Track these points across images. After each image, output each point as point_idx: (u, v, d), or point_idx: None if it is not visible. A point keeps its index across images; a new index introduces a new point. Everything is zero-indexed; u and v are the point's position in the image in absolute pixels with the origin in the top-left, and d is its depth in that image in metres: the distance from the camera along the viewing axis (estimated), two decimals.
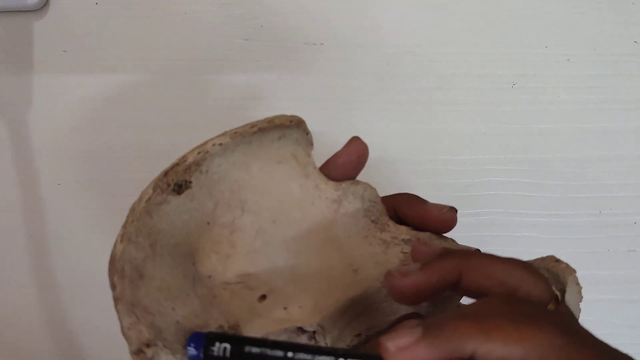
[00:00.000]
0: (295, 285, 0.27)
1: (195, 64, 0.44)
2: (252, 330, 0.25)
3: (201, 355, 0.21)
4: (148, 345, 0.21)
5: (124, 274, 0.23)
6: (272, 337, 0.25)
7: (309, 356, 0.21)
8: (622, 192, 0.44)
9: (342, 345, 0.29)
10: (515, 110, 0.45)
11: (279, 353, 0.21)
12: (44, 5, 0.44)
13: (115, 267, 0.23)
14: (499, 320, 0.19)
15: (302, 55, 0.44)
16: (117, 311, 0.22)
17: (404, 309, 0.29)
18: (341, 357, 0.20)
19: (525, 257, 0.45)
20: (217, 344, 0.21)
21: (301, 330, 0.25)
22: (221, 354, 0.21)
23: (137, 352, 0.21)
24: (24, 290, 0.44)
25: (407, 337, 0.20)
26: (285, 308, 0.26)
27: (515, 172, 0.44)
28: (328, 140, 0.32)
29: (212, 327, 0.24)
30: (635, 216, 0.44)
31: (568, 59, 0.45)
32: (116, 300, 0.22)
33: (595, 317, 0.44)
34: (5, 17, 0.44)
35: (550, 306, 0.22)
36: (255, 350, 0.21)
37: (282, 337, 0.25)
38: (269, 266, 0.27)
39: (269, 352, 0.21)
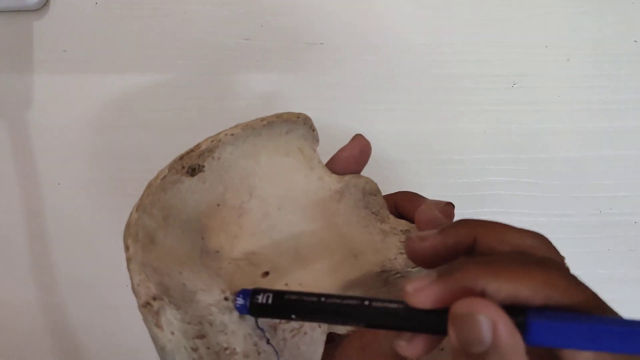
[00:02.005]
0: (298, 265, 0.29)
1: (195, 63, 0.44)
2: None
3: (247, 303, 0.25)
4: (155, 299, 0.23)
5: (137, 238, 0.25)
6: None
7: (338, 300, 0.23)
8: (622, 191, 0.44)
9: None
10: (515, 110, 0.45)
11: (313, 298, 0.23)
12: (44, 5, 0.44)
13: (129, 231, 0.25)
14: (508, 263, 0.21)
15: (302, 55, 0.44)
16: (129, 270, 0.24)
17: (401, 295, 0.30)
18: (367, 300, 0.22)
19: None
20: (262, 294, 0.24)
21: None
22: (264, 301, 0.24)
23: (145, 304, 0.23)
24: (24, 290, 0.44)
25: (423, 280, 0.21)
26: (286, 284, 0.28)
27: (516, 172, 0.44)
28: (328, 139, 0.33)
29: (215, 293, 0.25)
30: (635, 216, 0.44)
31: (568, 59, 0.45)
32: (128, 260, 0.24)
33: None
34: (5, 17, 0.44)
35: None
36: (293, 297, 0.24)
37: None
38: (273, 247, 0.29)
39: (305, 298, 0.23)
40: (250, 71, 0.44)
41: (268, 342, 0.26)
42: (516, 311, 0.20)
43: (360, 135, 0.32)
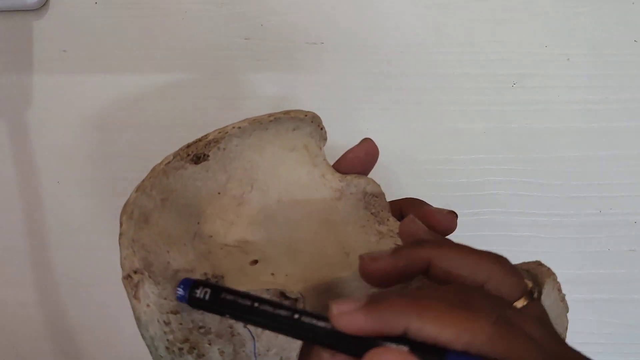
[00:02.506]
0: (288, 257, 0.30)
1: (195, 63, 0.44)
2: (235, 284, 0.27)
3: (186, 295, 0.25)
4: (135, 272, 0.25)
5: (132, 216, 0.26)
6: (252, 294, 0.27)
7: (270, 308, 0.23)
8: (622, 191, 0.44)
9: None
10: (515, 110, 0.45)
11: (247, 302, 0.24)
12: (44, 5, 0.44)
13: (126, 209, 0.26)
14: (435, 302, 0.20)
15: (302, 55, 0.44)
16: (120, 244, 0.26)
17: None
18: (297, 313, 0.23)
19: (525, 256, 0.44)
20: (201, 288, 0.25)
21: (284, 296, 0.27)
22: (202, 296, 0.25)
23: (126, 277, 0.25)
24: (24, 290, 0.44)
25: (350, 304, 0.21)
26: (272, 274, 0.29)
27: (515, 171, 0.44)
28: (328, 139, 0.33)
29: (198, 274, 0.27)
30: (636, 216, 0.44)
31: (568, 59, 0.45)
32: (120, 235, 0.26)
33: (595, 316, 0.44)
34: (5, 17, 0.44)
35: (522, 302, 0.23)
36: (229, 297, 0.24)
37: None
38: (267, 238, 0.30)
39: (240, 300, 0.24)
40: (250, 71, 0.44)
41: (245, 325, 0.26)
42: (438, 351, 0.20)
43: (369, 139, 0.32)
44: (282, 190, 0.31)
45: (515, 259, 0.46)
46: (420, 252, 0.24)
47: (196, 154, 0.29)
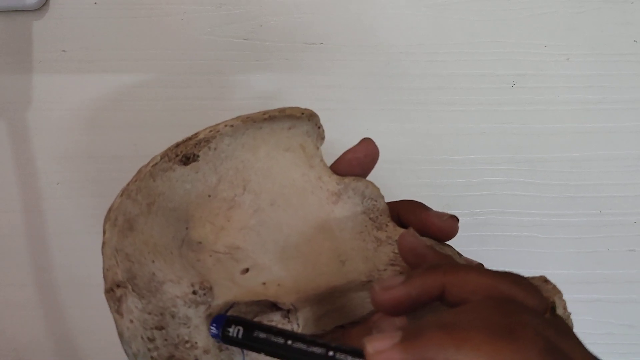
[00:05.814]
0: (280, 265, 0.28)
1: (194, 63, 0.44)
2: (225, 295, 0.26)
3: (220, 334, 0.25)
4: (118, 286, 0.24)
5: (116, 223, 0.25)
6: (242, 305, 0.26)
7: (304, 346, 0.23)
8: (622, 192, 0.44)
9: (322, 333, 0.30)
10: (515, 110, 0.45)
11: (280, 340, 0.23)
12: (44, 5, 0.44)
13: (109, 216, 0.25)
14: (475, 331, 0.19)
15: (302, 55, 0.44)
16: (102, 254, 0.24)
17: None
18: (332, 350, 0.22)
19: (524, 256, 0.45)
20: (233, 326, 0.24)
21: (275, 307, 0.26)
22: (235, 335, 0.24)
23: (108, 290, 0.24)
24: (24, 290, 0.44)
25: (386, 341, 0.20)
26: (264, 283, 0.27)
27: (515, 172, 0.44)
28: (328, 140, 0.33)
29: (184, 285, 0.25)
30: (635, 216, 0.44)
31: (567, 59, 0.45)
32: (103, 244, 0.24)
33: (595, 316, 0.44)
34: (5, 17, 0.44)
35: (547, 316, 0.22)
36: (262, 335, 0.24)
37: (253, 309, 0.26)
38: (259, 244, 0.29)
39: (273, 338, 0.24)
40: (249, 71, 0.44)
41: None
42: None
43: (369, 139, 0.31)
44: (275, 192, 0.29)
45: (514, 259, 0.47)
46: (434, 278, 0.22)
47: (185, 154, 0.27)
